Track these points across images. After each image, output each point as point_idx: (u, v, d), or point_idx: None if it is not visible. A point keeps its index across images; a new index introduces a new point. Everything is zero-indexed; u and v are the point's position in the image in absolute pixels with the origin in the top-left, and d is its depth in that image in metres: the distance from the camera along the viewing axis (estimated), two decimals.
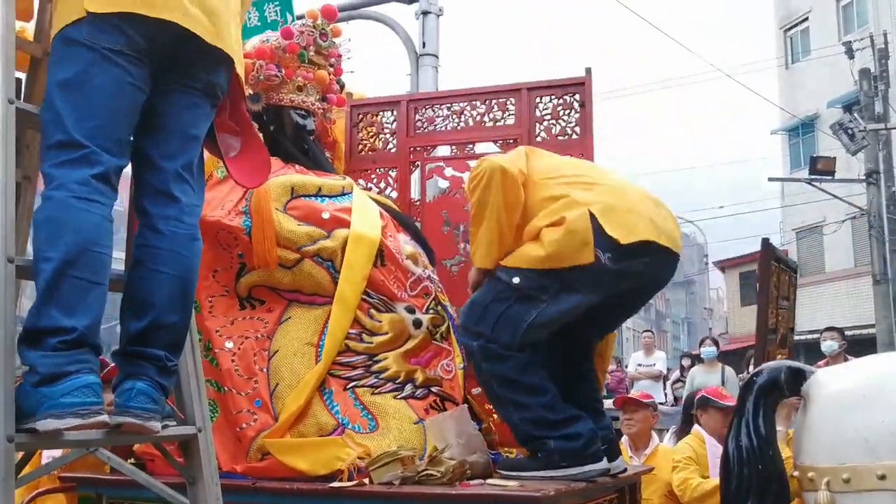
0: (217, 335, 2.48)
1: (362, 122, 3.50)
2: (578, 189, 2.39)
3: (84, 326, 1.58)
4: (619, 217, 2.32)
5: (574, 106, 3.18)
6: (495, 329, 2.33)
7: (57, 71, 1.74)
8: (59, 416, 1.51)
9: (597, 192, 2.38)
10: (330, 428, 2.38)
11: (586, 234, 2.28)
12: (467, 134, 3.35)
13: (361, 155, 3.46)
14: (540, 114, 3.24)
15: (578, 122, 3.18)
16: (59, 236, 1.61)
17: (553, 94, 3.24)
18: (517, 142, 3.17)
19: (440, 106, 3.42)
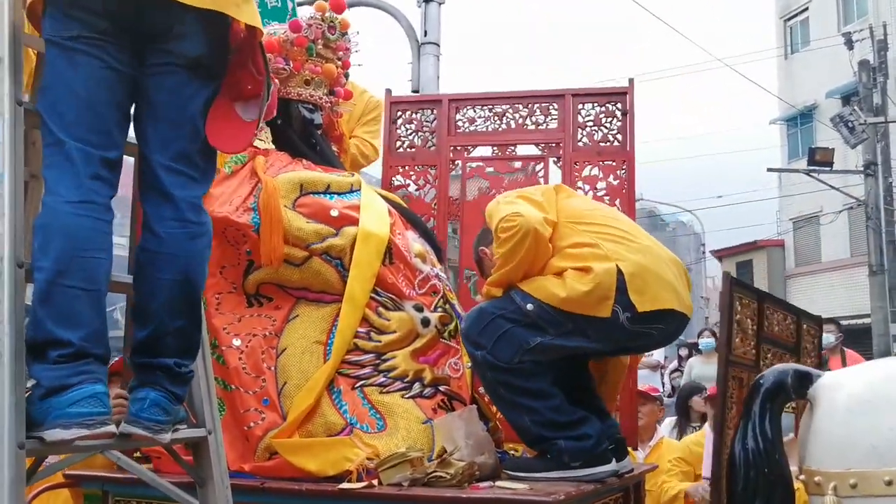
0: (224, 332, 2.46)
1: (401, 118, 3.51)
2: (609, 241, 2.37)
3: (80, 339, 1.53)
4: (646, 283, 2.32)
5: (616, 114, 3.25)
6: (496, 345, 2.35)
7: (42, 76, 1.70)
8: (66, 426, 1.48)
9: (627, 248, 2.36)
10: (338, 427, 2.37)
11: (609, 289, 2.28)
12: (509, 136, 3.39)
13: (400, 151, 3.47)
14: (582, 119, 3.30)
15: (620, 129, 3.25)
16: (50, 244, 1.56)
17: (596, 101, 3.30)
18: (559, 146, 3.26)
19: (482, 107, 3.45)
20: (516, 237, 2.33)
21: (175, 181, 1.74)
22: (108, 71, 1.67)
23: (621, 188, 3.16)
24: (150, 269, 1.72)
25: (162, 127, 1.74)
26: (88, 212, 1.62)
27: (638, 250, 2.37)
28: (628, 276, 2.29)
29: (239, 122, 1.86)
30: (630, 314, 2.29)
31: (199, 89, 1.77)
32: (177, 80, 1.74)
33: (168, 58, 1.73)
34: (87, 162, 1.63)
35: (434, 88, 9.16)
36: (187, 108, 1.75)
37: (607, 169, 3.21)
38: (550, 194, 2.54)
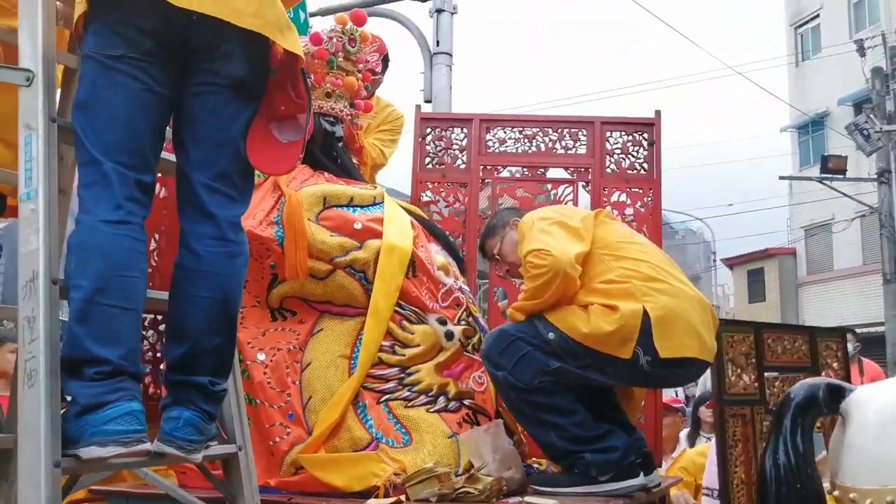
0: (249, 347, 2.46)
1: (430, 135, 3.57)
2: (640, 279, 2.34)
3: (119, 357, 1.54)
4: (672, 329, 2.29)
5: (643, 144, 3.37)
6: (516, 366, 2.34)
7: (77, 90, 1.70)
8: (103, 443, 1.48)
9: (658, 291, 2.33)
10: (364, 442, 2.36)
11: (633, 332, 2.26)
12: (539, 158, 3.49)
13: (429, 168, 3.54)
14: (610, 147, 3.41)
15: (647, 159, 3.36)
16: (88, 263, 1.56)
17: (624, 129, 3.41)
18: (588, 171, 3.36)
19: (512, 129, 3.53)
20: (545, 277, 2.30)
21: (216, 200, 1.74)
22: (148, 94, 1.68)
23: (648, 215, 3.26)
24: (188, 286, 1.71)
25: (204, 146, 1.75)
26: (126, 232, 1.62)
27: (668, 291, 2.33)
28: (655, 319, 2.26)
29: (276, 144, 1.87)
30: (651, 358, 2.27)
31: (242, 110, 1.78)
32: (220, 99, 1.75)
33: (212, 77, 1.74)
34: (124, 183, 1.64)
35: (447, 98, 9.17)
36: (230, 129, 1.76)
37: (635, 196, 3.32)
38: (589, 221, 2.49)
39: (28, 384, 1.52)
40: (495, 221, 2.78)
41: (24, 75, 1.69)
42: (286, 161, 1.91)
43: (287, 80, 1.86)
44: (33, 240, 1.60)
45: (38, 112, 1.66)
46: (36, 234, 1.60)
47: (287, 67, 1.84)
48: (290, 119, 1.88)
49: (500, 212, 2.89)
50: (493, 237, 2.73)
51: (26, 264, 1.59)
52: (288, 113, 1.87)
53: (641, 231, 3.13)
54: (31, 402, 1.50)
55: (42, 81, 1.68)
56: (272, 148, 1.85)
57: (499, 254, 2.67)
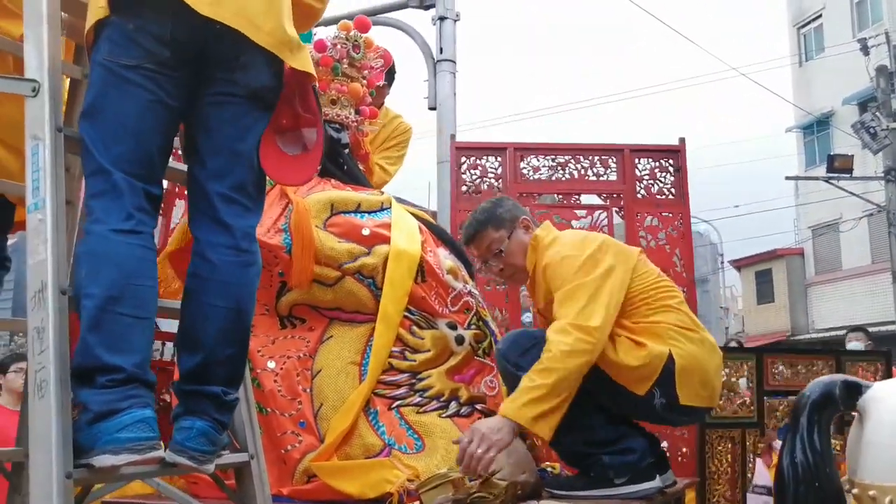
0: (259, 355, 2.44)
1: (465, 164, 3.73)
2: (669, 325, 2.30)
3: (132, 365, 1.52)
4: (694, 380, 2.28)
5: (669, 169, 3.54)
6: None
7: (86, 97, 1.69)
8: (116, 451, 1.47)
9: (687, 338, 2.30)
10: (377, 449, 2.34)
11: (654, 372, 2.24)
12: (572, 185, 3.66)
13: (465, 195, 3.68)
14: (640, 173, 3.59)
15: (674, 184, 3.54)
16: (100, 272, 1.55)
17: (651, 156, 3.60)
18: (620, 196, 3.55)
19: (545, 157, 3.70)
20: (582, 358, 2.18)
21: (231, 210, 1.73)
22: (159, 106, 1.67)
23: (680, 238, 3.42)
24: (202, 295, 1.70)
25: (222, 156, 1.74)
26: (138, 241, 1.62)
27: (695, 340, 2.32)
28: (679, 367, 2.25)
29: (285, 155, 1.88)
30: (666, 401, 2.26)
31: (258, 121, 1.78)
32: (238, 110, 1.75)
33: (230, 87, 1.73)
34: (133, 193, 1.63)
35: (451, 105, 9.16)
36: (246, 139, 1.76)
37: (666, 220, 3.48)
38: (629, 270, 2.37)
39: (38, 395, 1.51)
40: (501, 212, 2.52)
41: (30, 86, 1.69)
42: (301, 172, 1.93)
43: (293, 95, 1.87)
44: (41, 250, 1.59)
45: (44, 122, 1.66)
46: (44, 245, 1.59)
47: (294, 83, 1.86)
48: (293, 132, 1.89)
49: (501, 201, 2.62)
50: (499, 229, 2.50)
51: (35, 275, 1.58)
52: (290, 126, 1.88)
53: (674, 254, 3.20)
54: (41, 414, 1.49)
55: (48, 91, 1.67)
56: (283, 159, 1.86)
57: (503, 250, 2.50)
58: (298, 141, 1.89)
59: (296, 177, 1.94)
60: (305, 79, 1.86)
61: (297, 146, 1.89)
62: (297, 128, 1.89)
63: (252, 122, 1.77)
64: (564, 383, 2.15)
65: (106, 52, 1.67)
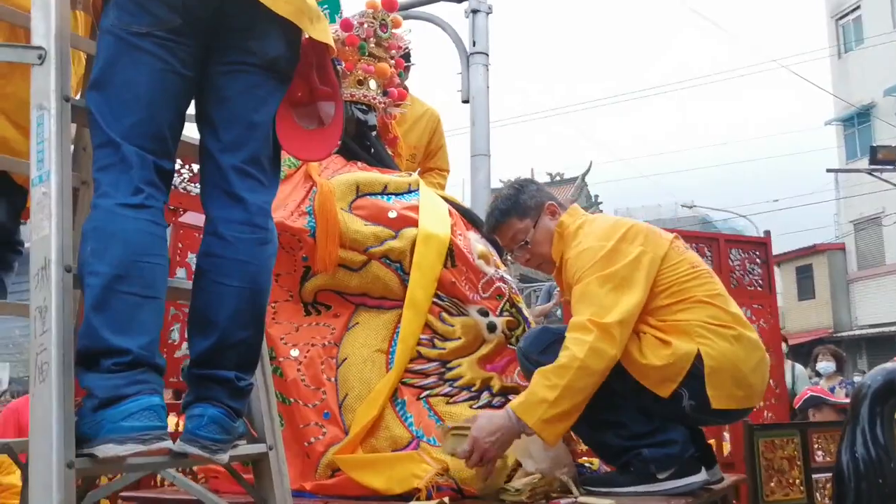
0: (282, 343, 2.34)
1: None
2: (698, 322, 2.11)
3: (139, 347, 1.42)
4: (726, 381, 2.09)
5: (757, 262, 3.60)
6: None
7: (94, 67, 1.59)
8: (120, 441, 1.36)
9: (718, 335, 2.10)
10: (404, 441, 2.21)
11: (679, 373, 2.06)
12: None
13: None
14: (732, 263, 3.63)
15: (762, 276, 3.60)
16: (106, 249, 1.45)
17: (741, 248, 3.67)
18: None
19: None
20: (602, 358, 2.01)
21: (246, 184, 1.64)
22: (172, 75, 1.58)
23: (770, 331, 3.42)
24: (215, 275, 1.60)
25: (236, 128, 1.64)
26: (147, 216, 1.52)
27: (727, 337, 2.11)
28: (709, 368, 2.07)
29: (303, 130, 1.78)
30: (696, 403, 2.08)
31: (273, 92, 1.69)
32: (253, 80, 1.66)
33: (245, 56, 1.64)
34: (144, 167, 1.54)
35: (484, 98, 9.05)
36: (262, 111, 1.67)
37: (757, 313, 3.49)
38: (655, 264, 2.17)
39: (39, 379, 1.41)
40: (525, 198, 2.35)
41: (35, 53, 1.60)
42: (318, 147, 1.82)
43: (310, 67, 1.78)
44: (45, 225, 1.50)
45: (50, 91, 1.56)
46: (48, 220, 1.49)
47: (311, 55, 1.77)
48: (307, 106, 1.80)
49: (524, 185, 2.41)
50: (523, 218, 2.33)
51: (38, 251, 1.49)
52: (305, 100, 1.79)
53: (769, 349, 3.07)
54: (42, 399, 1.39)
55: (55, 60, 1.58)
56: (299, 134, 1.77)
57: (529, 241, 2.34)
58: (314, 115, 1.80)
59: (313, 152, 1.83)
60: (324, 50, 1.77)
61: (313, 120, 1.80)
62: (314, 101, 1.80)
63: (267, 94, 1.68)
64: (580, 383, 1.99)
65: (114, 18, 1.59)
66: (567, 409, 1.99)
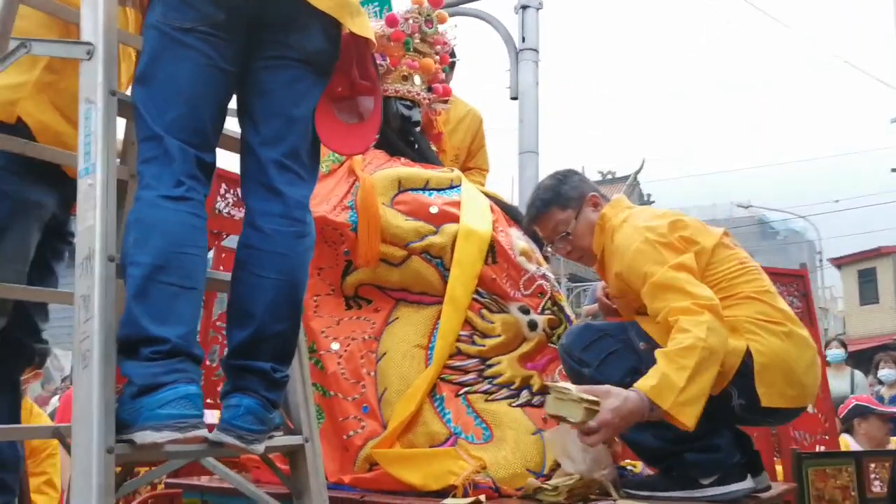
0: (322, 336, 2.35)
1: None
2: (747, 318, 2.05)
3: (177, 336, 1.45)
4: (777, 379, 2.02)
5: (796, 294, 3.50)
6: (603, 364, 2.10)
7: (139, 62, 1.63)
8: (157, 428, 1.40)
9: (768, 332, 2.04)
10: (442, 438, 2.21)
11: (730, 371, 1.99)
12: None
13: None
14: None
15: (801, 309, 3.47)
16: (148, 239, 1.49)
17: (779, 280, 3.45)
18: None
19: None
20: (722, 334, 1.93)
21: (285, 178, 1.67)
22: (215, 70, 1.62)
23: None
24: (253, 266, 1.63)
25: (276, 122, 1.68)
26: (187, 208, 1.56)
27: (777, 333, 2.05)
28: (759, 365, 2.01)
29: (342, 124, 1.81)
30: (746, 402, 2.01)
31: (313, 86, 1.72)
32: (293, 74, 1.69)
33: (286, 51, 1.67)
34: (185, 160, 1.58)
35: (533, 95, 8.98)
36: (301, 105, 1.70)
37: None
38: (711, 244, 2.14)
39: (82, 365, 1.45)
40: (567, 189, 2.31)
41: (84, 49, 1.65)
42: (358, 141, 1.86)
43: (350, 61, 1.80)
44: (90, 216, 1.54)
45: (97, 85, 1.61)
46: (93, 210, 1.54)
47: (351, 50, 1.79)
48: (347, 101, 1.82)
49: (567, 176, 2.36)
50: (565, 209, 2.29)
51: (83, 241, 1.53)
52: (346, 94, 1.81)
53: None
54: (84, 385, 1.43)
55: (102, 54, 1.63)
56: (339, 128, 1.80)
57: (570, 232, 2.29)
58: (354, 110, 1.83)
59: (353, 146, 1.86)
60: (364, 45, 1.79)
61: (353, 115, 1.83)
62: (354, 96, 1.83)
63: (307, 88, 1.71)
64: (708, 363, 1.90)
65: (160, 14, 1.63)
66: (699, 389, 1.91)
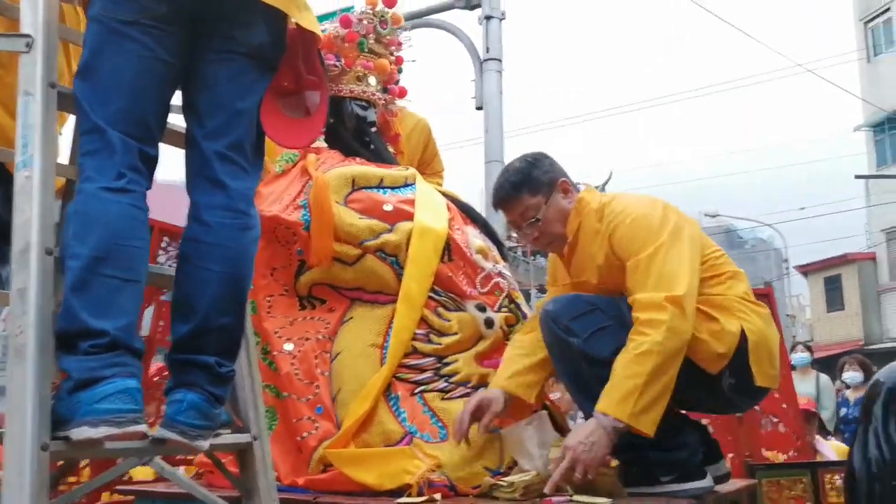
0: (276, 337, 2.32)
1: None
2: (734, 297, 2.08)
3: (117, 329, 1.43)
4: (764, 357, 2.05)
5: None
6: (592, 337, 2.06)
7: (82, 55, 1.61)
8: (94, 423, 1.36)
9: (753, 311, 2.08)
10: (397, 437, 2.18)
11: (730, 349, 2.01)
12: None
13: None
14: None
15: None
16: (88, 231, 1.47)
17: None
18: None
19: None
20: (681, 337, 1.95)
21: (229, 170, 1.66)
22: (157, 63, 1.61)
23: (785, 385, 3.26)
24: (198, 259, 1.62)
25: (221, 115, 1.67)
26: (129, 200, 1.54)
27: (759, 313, 2.09)
28: (752, 343, 2.03)
29: (287, 118, 1.81)
30: (735, 381, 2.02)
31: (258, 80, 1.72)
32: (238, 67, 1.68)
33: (230, 45, 1.67)
34: (128, 152, 1.56)
35: (497, 105, 9.04)
36: (246, 98, 1.70)
37: None
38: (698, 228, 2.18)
39: (16, 361, 1.41)
40: (538, 174, 2.23)
41: (23, 41, 1.63)
42: (302, 135, 1.87)
43: (297, 56, 1.80)
44: (27, 209, 1.51)
45: (36, 78, 1.59)
46: (30, 203, 1.51)
47: (298, 44, 1.79)
48: (294, 95, 1.82)
49: (538, 160, 2.28)
50: (535, 194, 2.21)
51: (20, 235, 1.50)
52: (291, 89, 1.82)
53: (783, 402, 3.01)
54: (18, 380, 1.39)
55: (42, 47, 1.61)
56: (284, 122, 1.80)
57: (540, 218, 2.22)
58: (301, 104, 1.84)
59: (297, 140, 1.88)
60: (311, 39, 1.79)
61: (299, 110, 1.83)
62: (300, 90, 1.83)
63: (252, 81, 1.70)
64: (665, 367, 1.92)
65: (101, 7, 1.61)
66: (656, 395, 1.92)
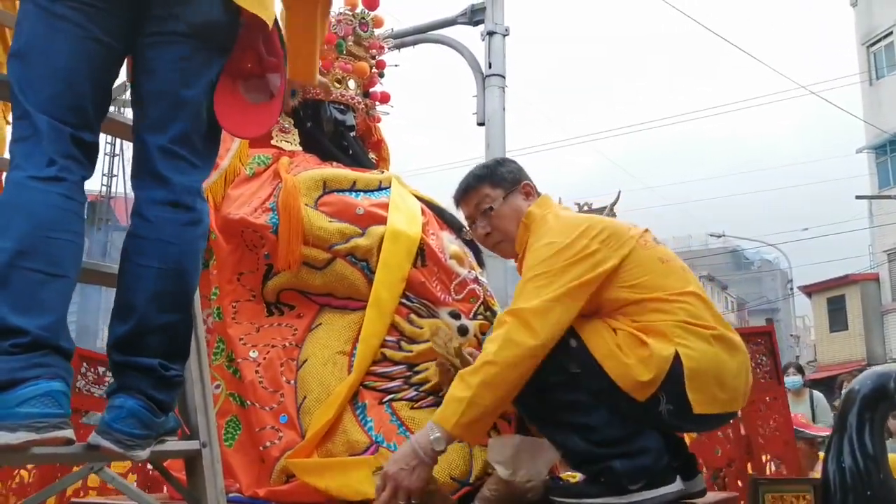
0: (241, 344, 2.24)
1: None
2: (674, 322, 1.95)
3: (40, 327, 1.34)
4: (709, 384, 1.94)
5: (764, 352, 3.25)
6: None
7: (14, 38, 1.52)
8: (12, 428, 1.27)
9: (695, 335, 1.95)
10: (362, 446, 2.09)
11: (658, 377, 1.90)
12: None
13: None
14: None
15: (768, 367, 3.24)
16: (10, 223, 1.38)
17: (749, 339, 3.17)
18: None
19: None
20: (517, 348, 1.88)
21: (172, 165, 1.56)
22: (93, 43, 1.51)
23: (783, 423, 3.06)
24: (136, 256, 1.52)
25: (163, 103, 1.56)
26: (59, 189, 1.44)
27: (705, 337, 1.96)
28: (689, 371, 1.91)
29: (244, 104, 1.69)
30: (674, 408, 1.92)
31: (206, 64, 1.59)
32: (180, 51, 1.56)
33: (173, 25, 1.55)
34: (59, 138, 1.46)
35: (500, 120, 9.01)
36: (192, 85, 1.57)
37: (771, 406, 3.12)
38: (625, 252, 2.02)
39: None
40: (503, 171, 2.22)
41: None
42: (258, 123, 1.73)
43: (256, 37, 1.69)
44: None
45: None
46: None
47: (258, 24, 1.66)
48: (257, 78, 1.71)
49: (506, 161, 2.34)
50: (496, 187, 2.18)
51: None
52: (254, 71, 1.70)
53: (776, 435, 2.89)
54: None
55: None
56: (241, 108, 1.68)
57: (494, 211, 2.17)
58: (265, 88, 1.71)
59: (253, 128, 1.73)
60: (263, 22, 1.66)
61: (264, 93, 1.71)
62: (264, 73, 1.71)
63: (198, 66, 1.58)
64: (500, 378, 1.86)
65: None
66: (486, 407, 1.86)
